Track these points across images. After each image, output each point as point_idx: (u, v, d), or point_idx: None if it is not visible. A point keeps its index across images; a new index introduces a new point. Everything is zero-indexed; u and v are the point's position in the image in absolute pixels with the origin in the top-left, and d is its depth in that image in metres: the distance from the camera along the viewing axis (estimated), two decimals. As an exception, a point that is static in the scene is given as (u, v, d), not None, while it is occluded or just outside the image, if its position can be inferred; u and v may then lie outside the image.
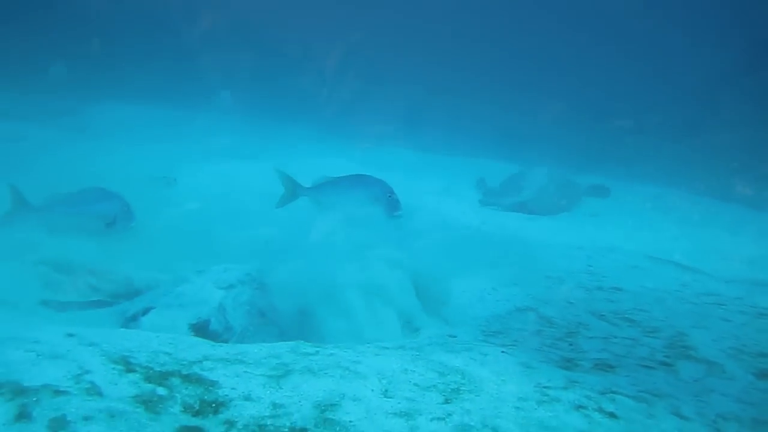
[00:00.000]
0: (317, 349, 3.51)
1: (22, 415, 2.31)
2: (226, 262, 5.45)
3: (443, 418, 2.83)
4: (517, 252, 6.84)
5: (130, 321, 3.99)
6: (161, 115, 11.53)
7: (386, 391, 3.08)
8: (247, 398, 2.85)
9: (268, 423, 2.68)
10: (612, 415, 2.98)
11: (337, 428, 2.69)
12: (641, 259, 6.82)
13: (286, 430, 2.65)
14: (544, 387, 3.26)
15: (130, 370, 2.82)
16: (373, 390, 3.06)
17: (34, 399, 2.39)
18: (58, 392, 2.48)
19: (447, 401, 3.02)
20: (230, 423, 2.64)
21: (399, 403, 2.96)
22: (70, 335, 2.98)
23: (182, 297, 4.37)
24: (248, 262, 5.59)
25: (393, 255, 5.47)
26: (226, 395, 2.84)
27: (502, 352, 3.78)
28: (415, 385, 3.18)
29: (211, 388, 2.87)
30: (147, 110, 10.83)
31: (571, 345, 4.14)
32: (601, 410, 3.03)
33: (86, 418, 2.39)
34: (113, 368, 2.78)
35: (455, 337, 4.06)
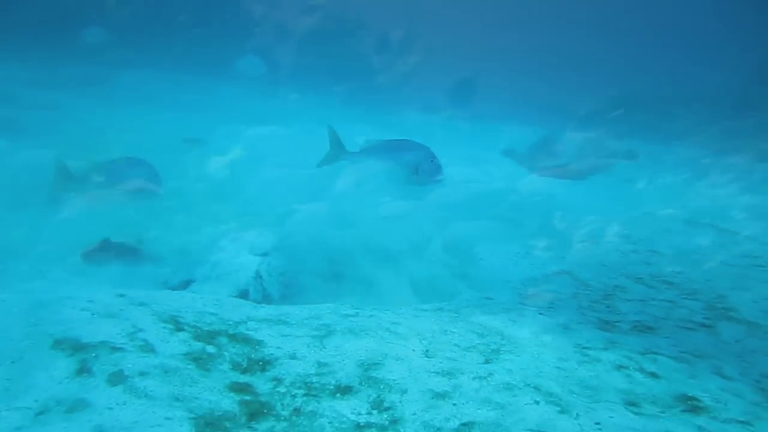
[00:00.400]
0: (357, 310, 3.57)
1: (83, 370, 2.41)
2: (257, 226, 5.53)
3: (485, 378, 2.87)
4: (549, 216, 6.79)
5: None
6: (188, 81, 11.56)
7: (427, 351, 3.12)
8: (293, 357, 2.92)
9: (314, 381, 2.74)
10: (654, 375, 2.99)
11: (381, 386, 2.75)
12: (677, 222, 6.71)
13: (332, 387, 2.71)
14: (584, 348, 3.27)
15: (179, 329, 2.91)
16: (414, 350, 3.11)
17: (93, 355, 2.49)
18: (114, 348, 2.57)
19: (487, 361, 3.06)
20: (278, 380, 2.71)
21: (440, 362, 3.00)
22: (121, 295, 3.08)
23: (219, 267, 4.45)
24: (280, 227, 5.66)
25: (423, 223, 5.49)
26: (272, 354, 2.91)
27: (540, 314, 3.79)
28: (455, 345, 3.22)
29: (257, 347, 2.95)
30: (175, 77, 10.87)
31: (608, 307, 4.13)
32: (642, 370, 3.03)
33: (142, 374, 2.48)
34: (164, 327, 2.87)
35: (492, 299, 4.08)
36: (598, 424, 2.47)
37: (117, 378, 2.42)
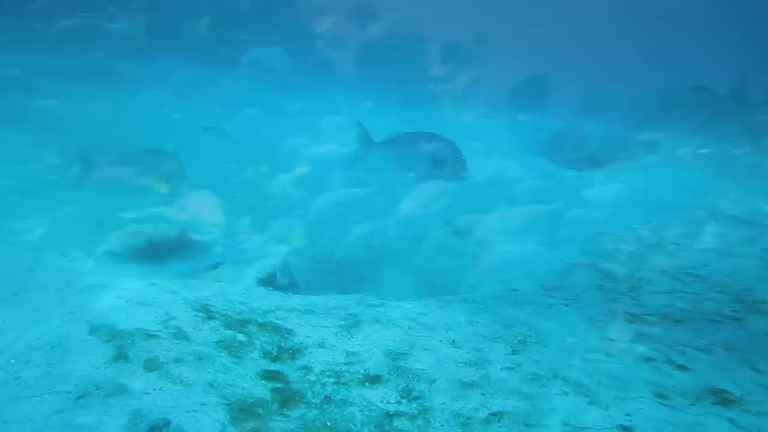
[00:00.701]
0: (383, 300, 3.59)
1: (120, 356, 2.46)
2: (283, 216, 5.57)
3: (513, 368, 2.88)
4: (571, 207, 6.75)
5: (200, 275, 4.13)
6: (207, 73, 11.59)
7: (454, 341, 3.13)
8: (321, 346, 2.95)
9: (344, 369, 2.78)
10: (683, 367, 2.97)
11: (410, 376, 2.77)
12: (701, 214, 6.63)
13: (361, 376, 2.74)
14: (611, 340, 3.26)
15: (210, 317, 2.95)
16: (441, 340, 3.12)
17: (129, 341, 2.54)
18: (149, 335, 2.62)
19: (515, 352, 3.06)
20: (307, 369, 2.75)
21: (468, 353, 3.02)
22: (153, 284, 3.13)
23: (247, 253, 4.50)
24: (304, 218, 5.70)
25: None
26: (301, 343, 2.95)
27: (566, 305, 3.78)
28: (482, 336, 3.23)
29: (286, 335, 2.99)
30: (196, 69, 10.94)
31: (634, 299, 4.10)
32: (671, 362, 3.02)
33: (177, 360, 2.53)
34: (195, 315, 2.92)
35: (517, 290, 4.07)
36: (628, 415, 2.47)
37: (153, 364, 2.47)
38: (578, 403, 2.56)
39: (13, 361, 2.37)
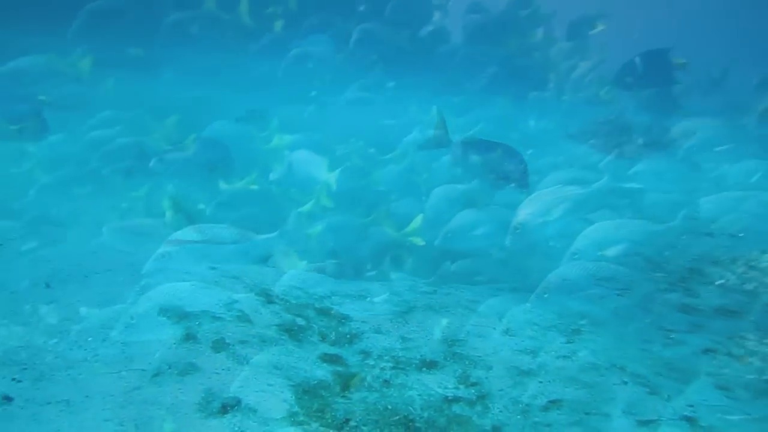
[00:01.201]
0: (434, 288, 3.62)
1: (189, 337, 2.56)
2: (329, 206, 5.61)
3: (569, 357, 2.88)
4: (614, 196, 6.63)
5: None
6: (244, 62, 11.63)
7: (508, 329, 3.15)
8: (378, 331, 3.00)
9: (400, 355, 2.82)
10: (743, 359, 2.93)
11: (466, 362, 2.81)
12: (752, 202, 6.45)
13: (417, 361, 2.79)
14: (668, 330, 3.23)
15: (270, 302, 3.03)
16: (494, 328, 3.15)
17: (197, 323, 2.64)
18: (215, 318, 2.71)
19: (569, 341, 3.07)
20: (366, 353, 2.80)
21: (522, 341, 3.03)
22: (213, 268, 3.23)
23: (296, 244, 4.56)
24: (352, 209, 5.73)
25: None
26: (358, 328, 3.01)
27: (618, 295, 3.74)
28: (535, 324, 3.23)
29: (343, 320, 3.05)
30: (233, 58, 11.01)
31: (687, 290, 4.04)
32: (730, 354, 2.98)
33: (242, 342, 2.61)
34: (256, 299, 3.00)
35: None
36: (691, 406, 2.45)
37: (220, 345, 2.56)
38: (638, 392, 2.56)
39: (90, 339, 2.49)
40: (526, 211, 3.76)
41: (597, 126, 9.32)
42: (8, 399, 2.12)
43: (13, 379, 2.24)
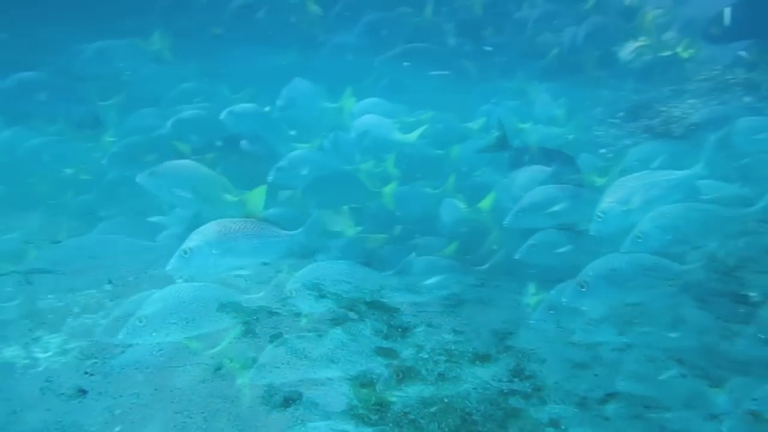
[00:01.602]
0: (482, 280, 3.62)
1: (248, 331, 2.63)
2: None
3: (624, 350, 2.86)
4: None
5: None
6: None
7: (558, 321, 3.13)
8: (429, 324, 3.02)
9: (453, 348, 2.84)
10: (806, 352, 2.85)
11: (519, 355, 2.81)
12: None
13: (470, 354, 2.80)
14: (724, 321, 3.16)
15: (322, 296, 3.08)
16: (545, 321, 3.13)
17: (255, 318, 2.70)
18: (271, 313, 2.78)
19: (622, 333, 3.03)
20: (419, 347, 2.83)
21: (574, 333, 3.01)
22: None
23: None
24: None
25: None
26: (409, 321, 3.03)
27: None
28: (586, 316, 3.20)
29: (394, 314, 3.08)
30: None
31: (739, 280, 3.94)
32: (792, 347, 2.90)
33: (299, 337, 2.67)
34: (309, 294, 3.05)
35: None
36: (755, 400, 2.41)
37: (278, 340, 2.62)
38: (699, 385, 2.53)
39: (154, 333, 2.57)
40: (609, 199, 3.51)
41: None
42: (83, 392, 2.22)
43: (86, 373, 2.34)
